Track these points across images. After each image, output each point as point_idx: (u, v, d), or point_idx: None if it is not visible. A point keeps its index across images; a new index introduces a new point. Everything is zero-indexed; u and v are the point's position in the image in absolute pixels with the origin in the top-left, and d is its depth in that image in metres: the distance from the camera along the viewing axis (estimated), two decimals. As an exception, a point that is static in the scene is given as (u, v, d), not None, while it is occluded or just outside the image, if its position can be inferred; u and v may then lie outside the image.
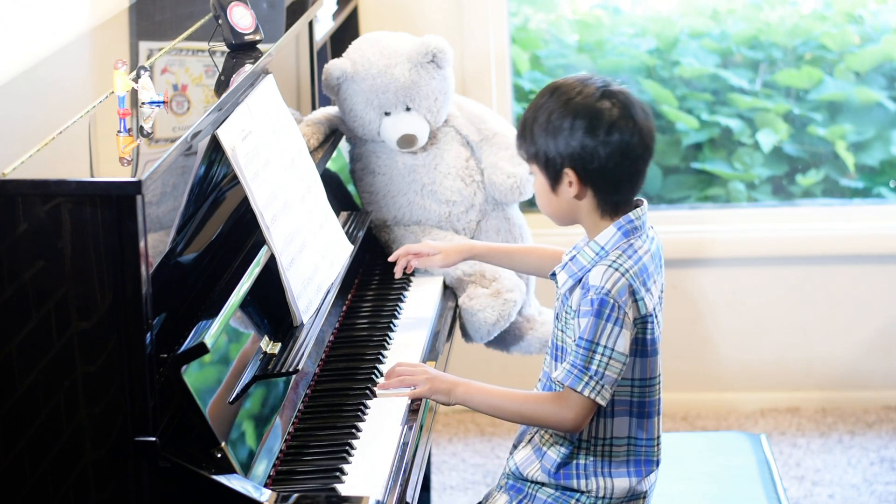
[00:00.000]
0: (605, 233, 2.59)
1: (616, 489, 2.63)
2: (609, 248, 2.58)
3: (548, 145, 2.57)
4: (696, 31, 4.77)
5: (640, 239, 2.59)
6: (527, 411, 2.60)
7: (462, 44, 4.44)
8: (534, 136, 2.59)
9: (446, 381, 2.69)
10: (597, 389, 2.52)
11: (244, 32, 2.85)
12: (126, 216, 2.16)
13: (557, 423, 2.57)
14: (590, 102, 2.56)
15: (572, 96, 2.56)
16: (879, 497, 4.10)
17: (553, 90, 2.60)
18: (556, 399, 2.56)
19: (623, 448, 2.63)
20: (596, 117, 2.54)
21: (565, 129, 2.55)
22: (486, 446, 4.43)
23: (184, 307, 2.45)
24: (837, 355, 4.59)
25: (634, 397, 2.61)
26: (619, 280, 2.53)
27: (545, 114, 2.57)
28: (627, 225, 2.59)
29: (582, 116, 2.55)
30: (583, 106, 2.55)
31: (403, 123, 3.31)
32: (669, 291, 4.53)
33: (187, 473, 2.24)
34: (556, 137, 2.56)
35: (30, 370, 2.19)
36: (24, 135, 2.41)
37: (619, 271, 2.54)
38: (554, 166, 2.57)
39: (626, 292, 2.53)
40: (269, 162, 2.68)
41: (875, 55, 4.69)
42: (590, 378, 2.52)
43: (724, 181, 4.73)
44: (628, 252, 2.57)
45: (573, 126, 2.54)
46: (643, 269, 2.57)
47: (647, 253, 2.60)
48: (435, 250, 3.05)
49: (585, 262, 2.59)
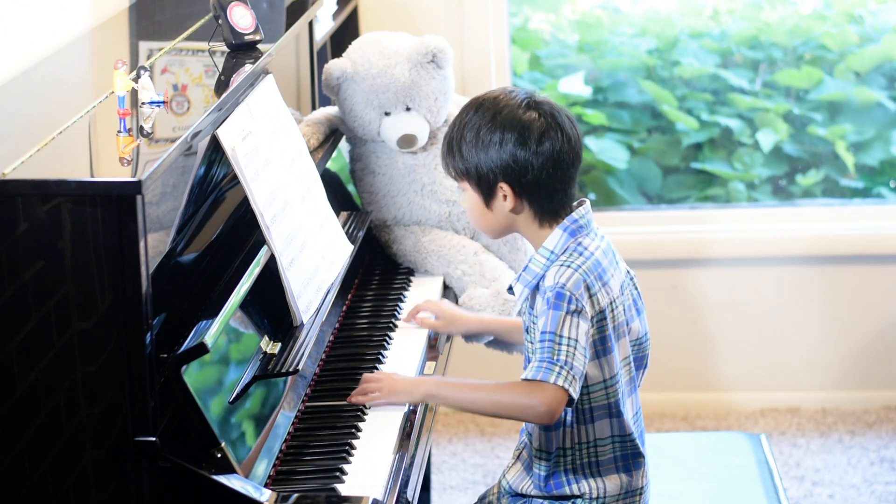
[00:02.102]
0: (552, 236, 2.60)
1: (608, 488, 2.63)
2: (558, 250, 2.58)
3: (479, 161, 2.58)
4: (696, 31, 4.78)
5: (587, 237, 2.60)
6: (498, 400, 2.56)
7: (462, 44, 4.44)
8: (462, 152, 2.60)
9: (404, 381, 2.68)
10: (568, 379, 2.48)
11: (244, 32, 2.85)
12: (126, 216, 2.16)
13: (531, 414, 2.51)
14: (517, 115, 2.57)
15: (499, 110, 2.58)
16: (879, 497, 4.10)
17: (477, 106, 2.61)
18: (527, 387, 2.51)
19: (608, 447, 2.63)
20: (525, 129, 2.56)
21: (495, 142, 2.56)
22: (486, 446, 4.43)
23: (184, 307, 2.45)
24: (837, 355, 4.59)
25: (610, 399, 2.61)
26: (572, 275, 2.53)
27: (473, 130, 2.58)
28: (572, 225, 2.60)
29: (511, 129, 2.56)
30: (510, 118, 2.57)
31: (403, 123, 3.31)
32: (669, 291, 4.54)
33: (187, 473, 2.24)
34: (486, 152, 2.57)
35: (30, 370, 2.19)
36: (24, 135, 2.40)
37: (571, 268, 2.54)
38: (487, 181, 2.59)
39: (582, 286, 2.53)
40: (269, 162, 2.68)
41: (875, 55, 4.69)
42: (560, 368, 2.49)
43: (724, 181, 4.74)
44: (578, 250, 2.57)
45: (503, 139, 2.56)
46: (596, 265, 2.57)
47: (598, 249, 2.60)
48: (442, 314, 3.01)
49: (538, 269, 2.59)
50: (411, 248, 3.36)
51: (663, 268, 4.50)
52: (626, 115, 4.76)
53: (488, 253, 3.36)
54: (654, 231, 4.54)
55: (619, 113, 4.75)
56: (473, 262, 3.31)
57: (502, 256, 3.40)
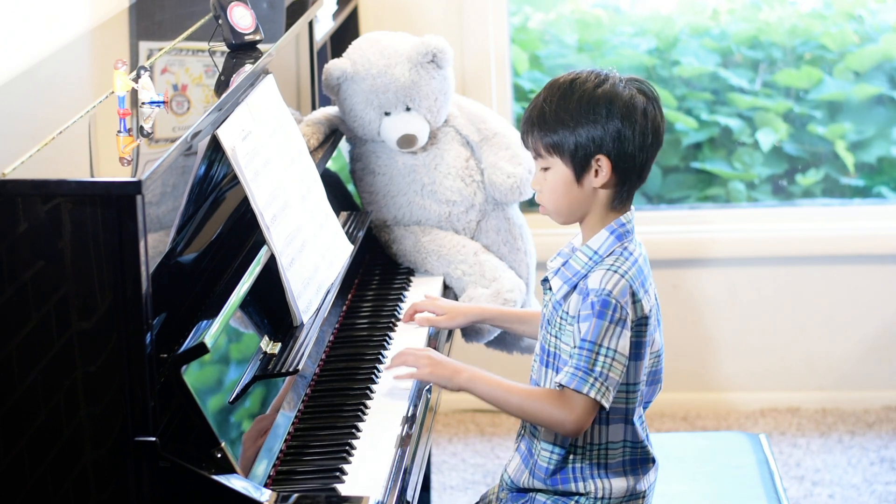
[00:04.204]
0: (598, 237, 2.59)
1: (614, 489, 2.63)
2: (603, 252, 2.57)
3: (578, 133, 2.54)
4: (695, 31, 4.78)
5: (632, 243, 2.60)
6: (528, 407, 2.58)
7: (462, 44, 4.44)
8: (558, 125, 2.56)
9: (449, 366, 2.68)
10: (602, 391, 2.51)
11: (244, 32, 2.85)
12: (126, 216, 2.16)
13: (558, 423, 2.55)
14: (620, 90, 2.56)
15: (599, 84, 2.56)
16: (879, 497, 4.10)
17: (571, 82, 2.58)
18: (558, 399, 2.54)
19: (619, 451, 2.63)
20: (630, 104, 2.55)
21: (601, 115, 2.54)
22: (486, 446, 4.43)
23: (184, 307, 2.45)
24: (837, 355, 4.59)
25: (629, 403, 2.61)
26: (619, 281, 2.53)
27: (572, 103, 2.55)
28: (620, 229, 2.59)
29: (617, 103, 2.54)
30: (615, 94, 2.55)
31: (403, 123, 3.31)
32: (669, 291, 4.54)
33: (187, 473, 2.24)
34: (590, 124, 2.54)
35: (30, 370, 2.19)
36: (25, 135, 2.41)
37: (618, 273, 2.54)
38: (585, 153, 2.55)
39: (628, 293, 2.53)
40: (268, 162, 2.68)
41: (874, 54, 4.69)
42: (595, 379, 2.51)
43: (724, 181, 4.74)
44: (624, 255, 2.57)
45: (609, 113, 2.54)
46: (640, 272, 2.57)
47: (641, 256, 2.60)
48: (442, 310, 3.02)
49: (579, 267, 2.58)
50: (411, 248, 3.37)
51: (663, 268, 4.49)
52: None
53: (488, 253, 3.37)
54: (654, 231, 4.54)
55: (618, 113, 4.75)
56: (473, 262, 3.31)
57: (502, 256, 3.40)
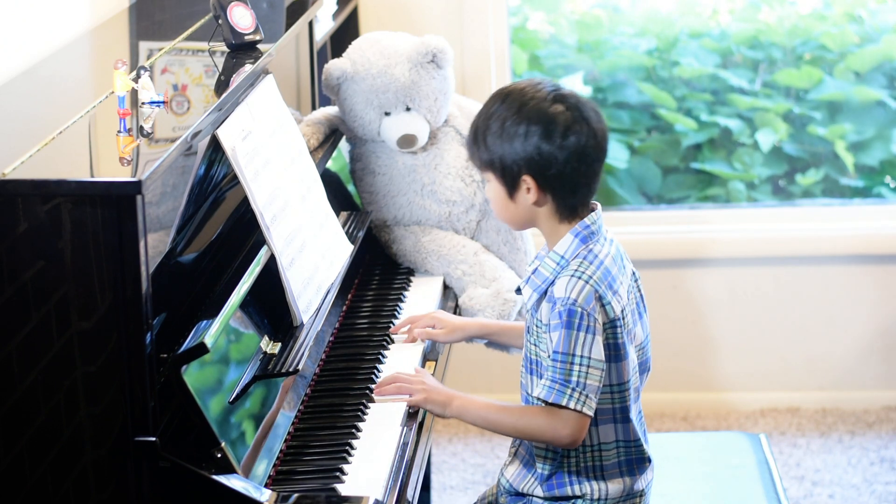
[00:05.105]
0: (563, 241, 2.59)
1: (611, 490, 2.63)
2: (569, 256, 2.57)
3: (503, 152, 2.56)
4: (695, 31, 4.78)
5: (598, 244, 2.58)
6: (522, 426, 2.58)
7: (462, 44, 4.44)
8: (487, 143, 2.58)
9: (443, 393, 2.68)
10: (581, 400, 2.50)
11: (244, 32, 2.85)
12: (126, 216, 2.16)
13: (553, 439, 2.55)
14: (543, 107, 2.55)
15: (525, 102, 2.56)
16: (879, 497, 4.10)
17: (504, 96, 2.59)
18: (548, 416, 2.53)
19: (612, 452, 2.63)
20: (551, 122, 2.54)
21: (520, 135, 2.54)
22: (486, 446, 4.43)
23: (184, 307, 2.44)
24: (837, 355, 4.59)
25: (616, 403, 2.60)
26: (584, 288, 2.52)
27: (498, 121, 2.56)
28: (584, 231, 2.58)
29: (536, 122, 2.54)
30: (536, 111, 2.54)
31: (403, 123, 3.31)
32: (669, 291, 4.54)
33: (187, 473, 2.24)
34: (511, 144, 2.55)
35: (30, 370, 2.19)
36: (25, 135, 2.41)
37: (582, 279, 2.53)
38: (511, 173, 2.57)
39: (594, 299, 2.52)
40: (268, 162, 2.68)
41: (875, 55, 4.69)
42: (572, 390, 2.50)
43: (724, 181, 4.74)
44: (589, 258, 2.56)
45: (528, 132, 2.54)
46: (606, 273, 2.56)
47: (608, 256, 2.58)
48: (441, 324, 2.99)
49: (548, 274, 2.58)
50: (411, 248, 3.36)
51: (663, 268, 4.50)
52: (626, 114, 4.76)
53: (488, 253, 3.37)
54: (653, 231, 4.54)
55: (618, 113, 4.75)
56: (473, 262, 3.31)
57: (502, 256, 3.40)
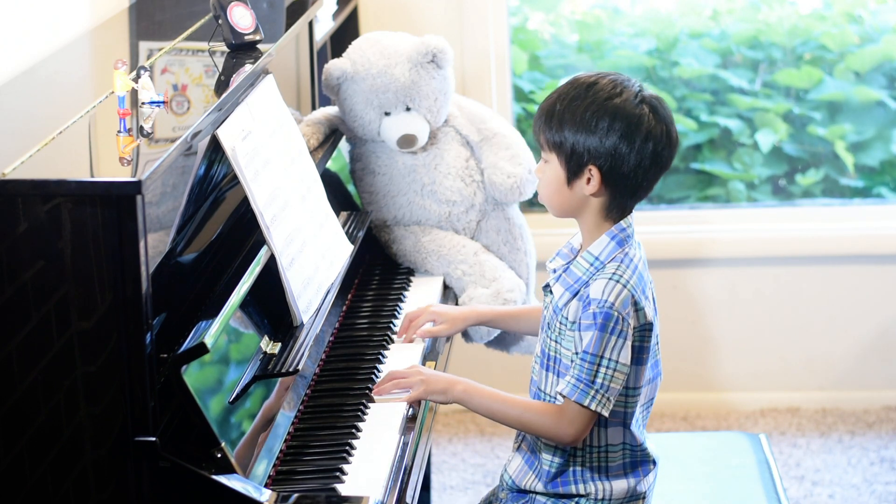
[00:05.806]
0: (599, 242, 2.57)
1: (615, 491, 2.63)
2: (604, 258, 2.56)
3: (577, 139, 2.53)
4: (695, 32, 4.77)
5: (632, 248, 2.58)
6: (526, 420, 2.59)
7: (462, 44, 4.44)
8: (562, 126, 2.54)
9: (441, 379, 2.68)
10: (602, 402, 2.51)
11: (244, 32, 2.85)
12: (126, 216, 2.16)
13: (556, 436, 2.56)
14: (629, 107, 2.52)
15: (611, 96, 2.53)
16: (879, 497, 4.10)
17: (588, 85, 2.55)
18: (557, 412, 2.55)
19: (618, 453, 2.63)
20: (635, 123, 2.52)
21: (602, 129, 2.51)
22: (486, 446, 4.43)
23: (184, 307, 2.44)
24: (837, 355, 4.59)
25: (629, 408, 2.61)
26: (621, 292, 2.52)
27: (580, 108, 2.53)
28: (620, 234, 2.57)
29: (621, 119, 2.51)
30: (622, 109, 2.52)
31: (403, 123, 3.31)
32: (669, 291, 4.54)
33: (187, 473, 2.24)
34: (589, 135, 2.52)
35: (30, 370, 2.19)
36: (25, 134, 2.41)
37: (620, 283, 2.53)
38: (579, 161, 2.54)
39: (630, 303, 2.52)
40: (269, 162, 2.68)
41: (875, 55, 4.69)
42: (596, 391, 2.51)
43: (724, 181, 4.74)
44: (626, 262, 2.55)
45: (610, 128, 2.51)
46: (640, 278, 2.56)
47: (641, 260, 2.59)
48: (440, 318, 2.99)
49: (581, 274, 2.57)
50: (411, 248, 3.36)
51: (663, 268, 4.50)
52: (626, 115, 4.75)
53: (488, 253, 3.37)
54: (654, 231, 4.54)
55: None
56: (473, 262, 3.31)
57: (502, 256, 3.40)
